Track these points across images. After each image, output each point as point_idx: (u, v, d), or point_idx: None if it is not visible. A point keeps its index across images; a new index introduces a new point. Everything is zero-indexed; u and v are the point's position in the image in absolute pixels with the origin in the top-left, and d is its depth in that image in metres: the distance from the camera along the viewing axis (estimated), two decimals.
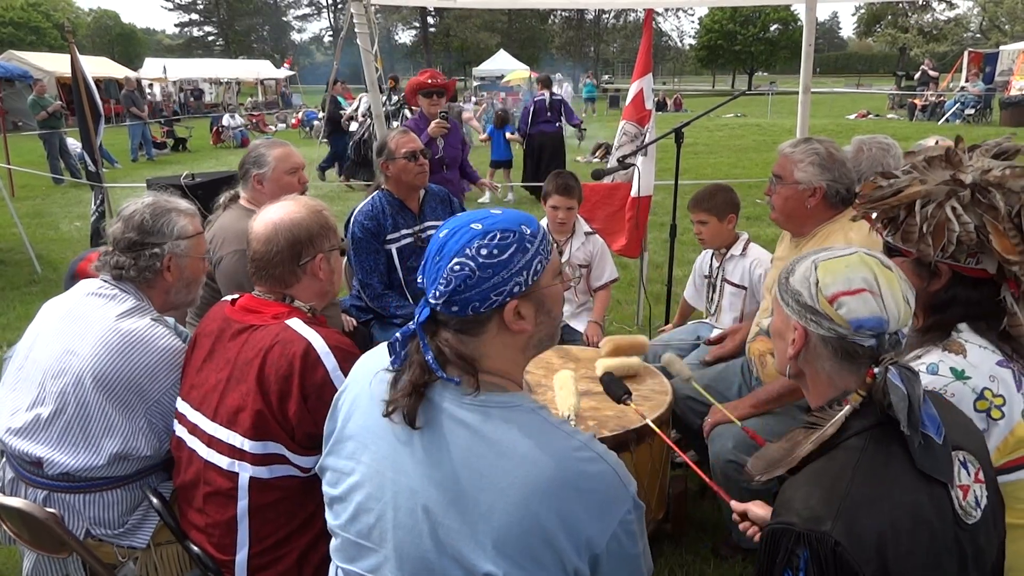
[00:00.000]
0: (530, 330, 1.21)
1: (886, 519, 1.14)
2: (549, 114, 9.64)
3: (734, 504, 1.63)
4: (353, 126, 11.38)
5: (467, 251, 1.15)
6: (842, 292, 1.25)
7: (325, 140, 11.59)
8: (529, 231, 1.19)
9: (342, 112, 11.70)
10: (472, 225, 1.17)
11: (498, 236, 1.16)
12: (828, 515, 1.13)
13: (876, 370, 1.23)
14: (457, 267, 1.14)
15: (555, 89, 17.67)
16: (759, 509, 1.57)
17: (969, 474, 1.25)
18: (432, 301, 1.17)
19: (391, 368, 1.23)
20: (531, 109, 9.81)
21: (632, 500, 1.17)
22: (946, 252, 1.48)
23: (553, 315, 1.26)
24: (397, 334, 1.22)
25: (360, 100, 11.56)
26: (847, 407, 1.24)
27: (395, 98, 11.11)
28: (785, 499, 1.22)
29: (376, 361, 1.33)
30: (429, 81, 4.62)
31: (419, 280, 1.23)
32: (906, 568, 1.12)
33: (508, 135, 10.14)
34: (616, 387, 2.09)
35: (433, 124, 4.50)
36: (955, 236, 1.46)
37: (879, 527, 1.13)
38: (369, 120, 10.92)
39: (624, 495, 1.16)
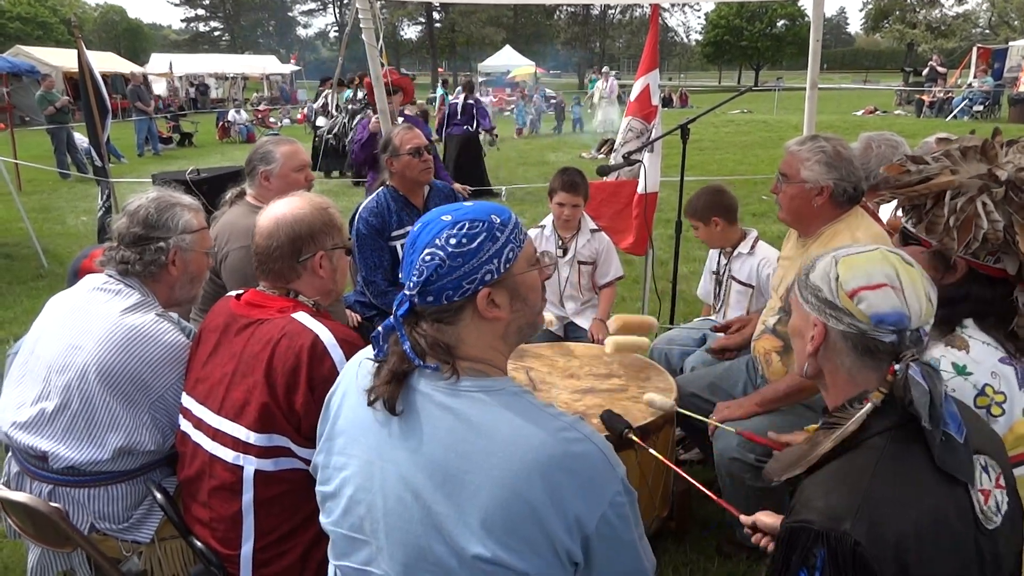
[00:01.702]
0: (505, 317, 1.23)
1: (907, 521, 1.12)
2: (460, 117, 10.07)
3: (743, 518, 1.60)
4: (320, 121, 11.56)
5: (436, 241, 1.18)
6: (862, 287, 1.23)
7: (329, 135, 11.62)
8: (499, 220, 1.21)
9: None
10: (442, 217, 1.21)
11: (467, 226, 1.19)
12: (848, 514, 1.12)
13: (897, 367, 1.21)
14: (428, 257, 1.17)
15: (601, 84, 17.61)
16: (767, 518, 1.54)
17: (991, 479, 1.23)
18: (407, 292, 1.19)
19: (375, 359, 1.25)
20: (446, 112, 10.36)
21: (621, 482, 1.17)
22: (969, 248, 1.45)
23: (530, 303, 1.27)
24: (379, 328, 1.23)
25: (324, 95, 11.75)
26: (868, 405, 1.22)
27: (361, 94, 11.31)
28: (804, 498, 1.20)
29: (363, 358, 1.35)
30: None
31: (400, 275, 1.25)
32: (928, 571, 1.11)
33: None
34: (617, 422, 2.10)
35: (373, 120, 4.79)
36: (982, 233, 1.42)
37: (900, 529, 1.11)
38: (339, 115, 11.12)
39: (612, 476, 1.17)
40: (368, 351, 1.31)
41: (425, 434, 1.17)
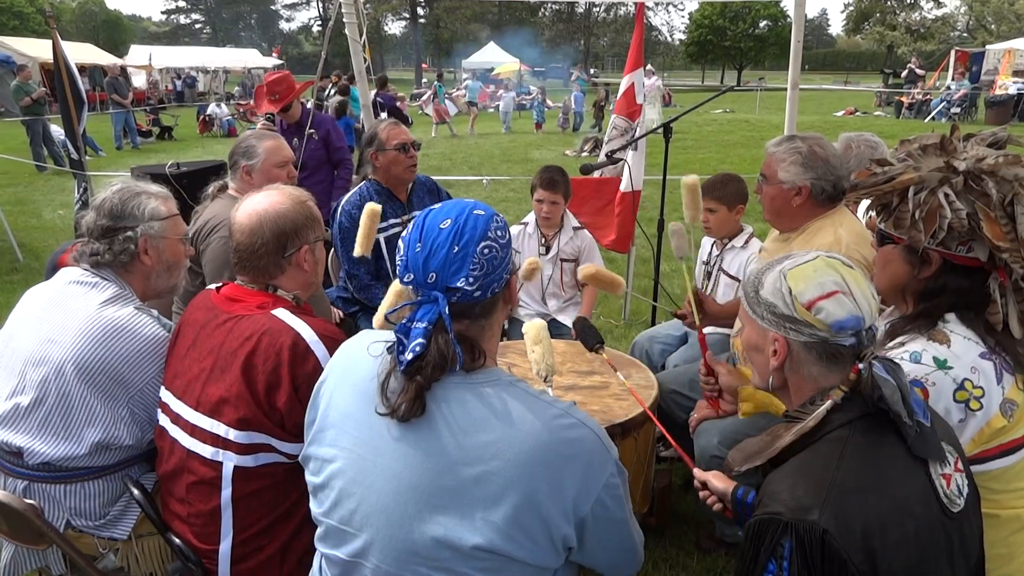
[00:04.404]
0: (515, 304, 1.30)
1: (873, 509, 1.15)
2: (374, 110, 10.28)
3: (696, 472, 1.66)
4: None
5: (489, 234, 1.19)
6: (818, 297, 1.27)
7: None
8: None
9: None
10: (475, 212, 1.21)
11: (499, 219, 1.23)
12: (815, 504, 1.14)
13: (860, 366, 1.25)
14: (486, 250, 1.18)
15: (645, 81, 17.46)
16: (719, 482, 1.60)
17: (950, 463, 1.27)
18: (467, 287, 1.17)
19: (401, 371, 1.18)
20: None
21: (615, 463, 1.21)
22: (937, 238, 1.49)
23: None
24: (399, 335, 1.18)
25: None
26: (828, 402, 1.25)
27: (330, 91, 11.38)
28: (771, 491, 1.23)
29: (355, 350, 1.34)
30: (268, 95, 4.97)
31: (408, 277, 1.20)
32: (894, 558, 1.14)
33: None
34: (589, 334, 2.06)
35: (259, 126, 4.84)
36: (947, 223, 1.46)
37: (866, 516, 1.14)
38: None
39: (607, 458, 1.20)
40: (361, 348, 1.30)
41: (423, 428, 1.17)
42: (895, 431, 1.23)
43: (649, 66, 20.27)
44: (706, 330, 3.17)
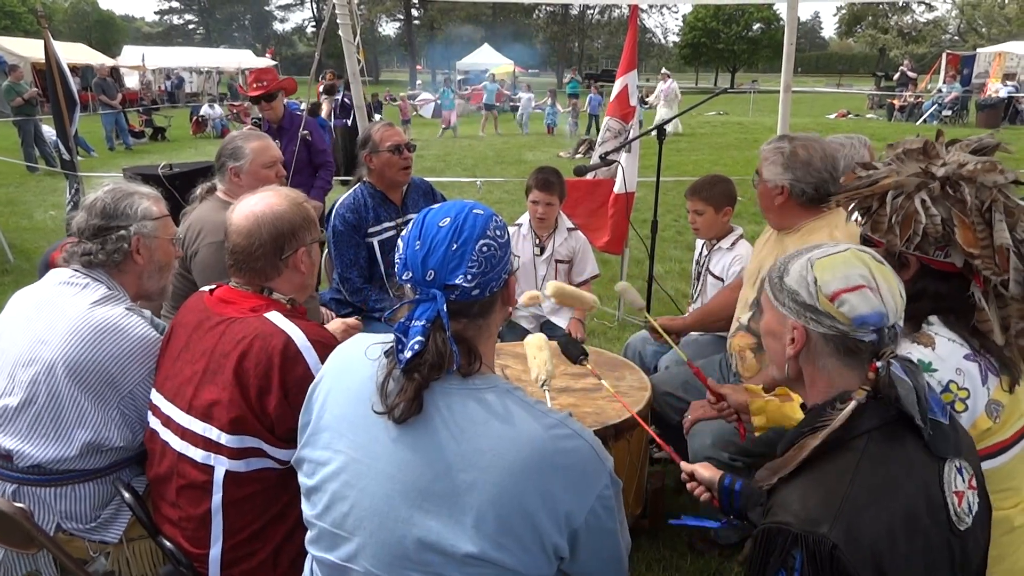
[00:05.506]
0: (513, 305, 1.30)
1: (883, 524, 1.13)
2: (340, 111, 10.84)
3: (683, 464, 1.67)
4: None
5: (488, 233, 1.19)
6: (842, 289, 1.25)
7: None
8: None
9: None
10: (475, 211, 1.22)
11: (498, 218, 1.23)
12: (826, 517, 1.12)
13: (878, 364, 1.23)
14: (485, 248, 1.18)
15: (661, 85, 17.62)
16: (706, 471, 1.60)
17: (964, 480, 1.26)
18: (466, 285, 1.16)
19: (401, 369, 1.17)
20: (334, 106, 11.12)
21: (609, 475, 1.20)
22: (912, 243, 1.50)
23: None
24: (398, 334, 1.18)
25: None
26: (852, 403, 1.23)
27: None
28: (781, 499, 1.21)
29: (350, 353, 1.33)
30: (252, 83, 5.02)
31: (407, 275, 1.20)
32: (903, 573, 1.12)
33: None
34: (573, 347, 2.08)
35: (246, 129, 4.84)
36: (921, 228, 1.47)
37: (876, 532, 1.13)
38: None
39: (601, 469, 1.19)
40: (357, 350, 1.30)
41: (418, 433, 1.16)
42: (912, 438, 1.21)
43: (664, 69, 20.32)
44: (700, 332, 3.20)
